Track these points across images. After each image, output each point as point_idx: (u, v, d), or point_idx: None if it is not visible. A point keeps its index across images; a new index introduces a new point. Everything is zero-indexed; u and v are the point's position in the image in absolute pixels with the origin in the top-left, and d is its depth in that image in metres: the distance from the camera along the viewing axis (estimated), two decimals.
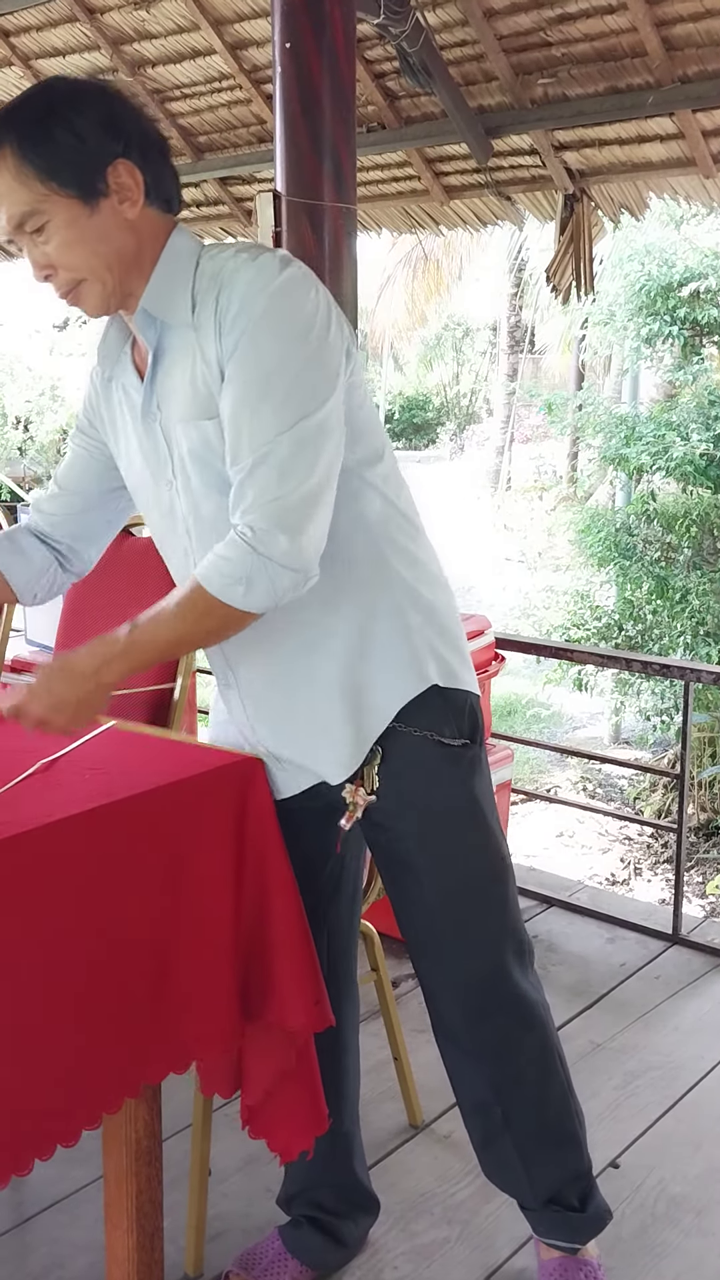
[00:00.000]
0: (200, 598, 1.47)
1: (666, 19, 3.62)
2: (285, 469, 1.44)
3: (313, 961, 1.61)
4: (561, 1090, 1.84)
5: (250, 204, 5.17)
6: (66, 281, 1.52)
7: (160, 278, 1.53)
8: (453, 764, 1.65)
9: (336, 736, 1.62)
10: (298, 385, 1.45)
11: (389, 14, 3.64)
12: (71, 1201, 2.13)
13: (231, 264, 1.50)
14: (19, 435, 16.64)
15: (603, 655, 5.01)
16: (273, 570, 1.44)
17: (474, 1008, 1.77)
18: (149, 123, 1.53)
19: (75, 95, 1.47)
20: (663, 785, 8.00)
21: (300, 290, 1.48)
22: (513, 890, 1.77)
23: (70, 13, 4.63)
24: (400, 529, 1.65)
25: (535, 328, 19.20)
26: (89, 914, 1.43)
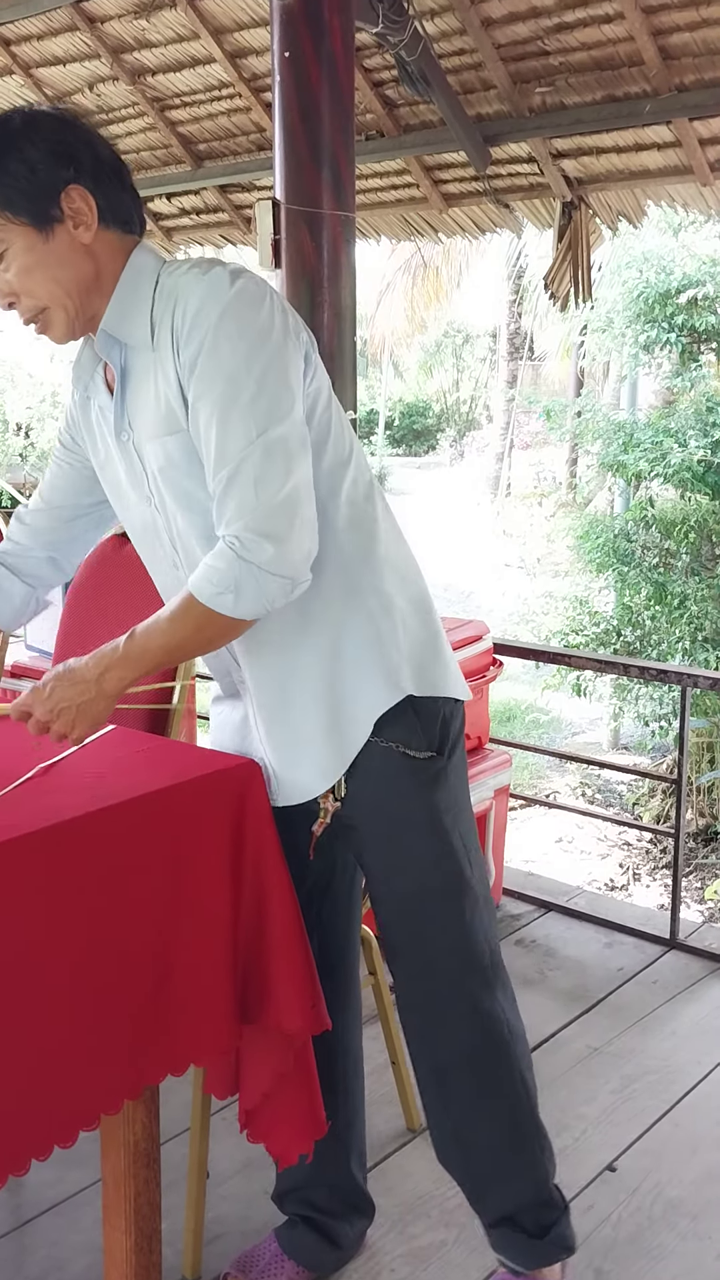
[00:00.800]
0: (192, 606, 1.50)
1: (663, 28, 3.64)
2: (259, 478, 1.46)
3: (309, 965, 1.62)
4: (520, 1115, 1.81)
5: (249, 212, 5.20)
6: (30, 308, 1.57)
7: (120, 299, 1.56)
8: (413, 775, 1.65)
9: (320, 748, 1.63)
10: (261, 395, 1.47)
11: (387, 23, 3.66)
12: (70, 1204, 2.14)
13: (184, 280, 1.53)
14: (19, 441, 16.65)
15: (601, 661, 5.00)
16: (261, 577, 1.47)
17: (432, 1019, 1.76)
18: (103, 148, 1.57)
19: (28, 127, 1.52)
20: (661, 790, 8.00)
21: (252, 302, 1.50)
22: (473, 907, 1.73)
23: (71, 22, 4.65)
24: (368, 534, 1.64)
25: (534, 334, 19.23)
26: (88, 916, 1.44)
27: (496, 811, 3.35)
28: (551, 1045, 2.70)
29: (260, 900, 1.60)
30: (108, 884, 1.46)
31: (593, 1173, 2.26)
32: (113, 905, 1.47)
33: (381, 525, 1.67)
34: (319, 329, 3.50)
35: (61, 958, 1.41)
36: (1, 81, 5.22)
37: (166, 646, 1.53)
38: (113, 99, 5.05)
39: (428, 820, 1.68)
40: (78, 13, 4.58)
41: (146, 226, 1.67)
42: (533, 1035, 2.70)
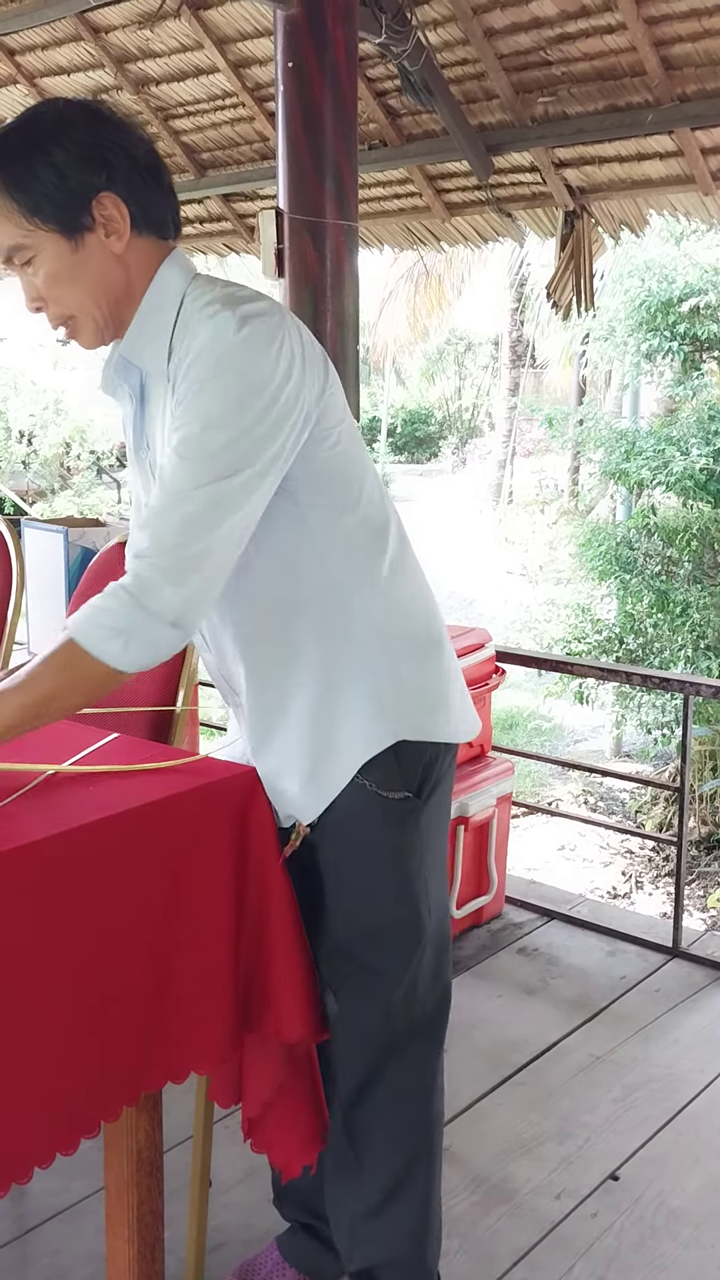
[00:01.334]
0: (72, 653, 1.40)
1: (665, 39, 3.66)
2: (189, 521, 1.40)
3: (310, 974, 1.62)
4: (417, 1189, 1.71)
5: (253, 221, 5.21)
6: (57, 315, 1.52)
7: (141, 321, 1.51)
8: (382, 812, 1.60)
9: (300, 782, 1.59)
10: (230, 448, 1.41)
11: (390, 33, 3.67)
12: (73, 1213, 2.14)
13: (196, 318, 1.46)
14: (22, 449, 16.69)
15: (603, 669, 5.03)
16: (155, 625, 1.39)
17: (355, 1074, 1.69)
18: (139, 147, 1.50)
19: (58, 127, 1.45)
20: (664, 798, 8.00)
21: (253, 353, 1.43)
22: (422, 953, 1.67)
23: (75, 31, 4.67)
24: (368, 577, 1.58)
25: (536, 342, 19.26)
26: (88, 924, 1.44)
27: (499, 819, 3.35)
28: (554, 1054, 2.70)
29: (261, 909, 1.60)
30: (108, 892, 1.46)
31: (595, 1181, 2.26)
32: (113, 913, 1.47)
33: (389, 563, 1.61)
34: (322, 337, 3.50)
35: (62, 966, 1.41)
36: (6, 91, 5.25)
37: (26, 705, 1.40)
38: (116, 108, 5.06)
39: (390, 859, 1.62)
40: (82, 23, 4.60)
41: (180, 228, 1.60)
42: (535, 1044, 2.72)
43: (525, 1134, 2.40)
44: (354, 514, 1.59)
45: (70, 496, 16.21)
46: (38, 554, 3.39)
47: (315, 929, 1.67)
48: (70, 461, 17.45)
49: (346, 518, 1.58)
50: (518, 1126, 2.43)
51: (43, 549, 3.40)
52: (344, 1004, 1.68)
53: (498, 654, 3.41)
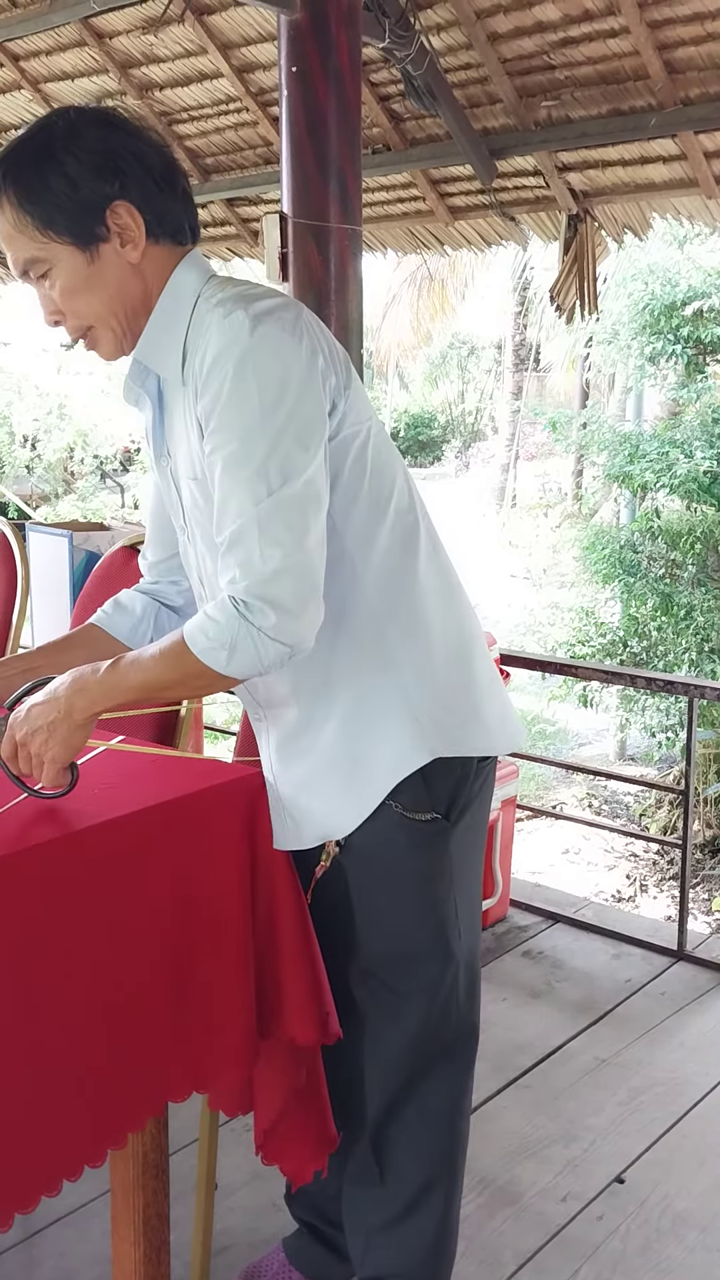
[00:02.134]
0: (183, 652, 1.42)
1: (668, 43, 3.66)
2: (265, 539, 1.38)
3: (319, 974, 1.62)
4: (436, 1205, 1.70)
5: (257, 225, 5.23)
6: (76, 328, 1.50)
7: (154, 326, 1.49)
8: (408, 835, 1.58)
9: (333, 802, 1.57)
10: (274, 453, 1.39)
11: (394, 38, 3.68)
12: (79, 1215, 2.14)
13: (209, 319, 1.44)
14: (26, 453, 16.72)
15: (607, 672, 5.03)
16: (260, 640, 1.39)
17: (385, 1093, 1.68)
18: (152, 154, 1.47)
19: (70, 136, 1.43)
20: (668, 801, 7.99)
21: (273, 351, 1.40)
22: (454, 977, 1.65)
23: (79, 37, 4.69)
24: (401, 587, 1.55)
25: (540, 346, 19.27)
26: (101, 929, 1.44)
27: (503, 823, 3.36)
28: (559, 1057, 2.70)
29: (271, 910, 1.60)
30: (119, 896, 1.46)
31: (601, 1184, 2.26)
32: (125, 917, 1.47)
33: (422, 574, 1.57)
34: None
35: (78, 973, 1.41)
36: (10, 96, 5.26)
37: (146, 684, 1.45)
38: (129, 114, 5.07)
39: (416, 883, 1.60)
40: (86, 28, 4.61)
41: (199, 233, 1.58)
42: (540, 1047, 2.72)
43: (531, 1137, 2.40)
44: (386, 519, 1.55)
45: (74, 501, 16.23)
46: (42, 558, 3.40)
47: (344, 952, 1.65)
48: (74, 466, 17.47)
49: (379, 532, 1.54)
50: (523, 1129, 2.43)
51: (47, 553, 3.41)
52: (374, 1026, 1.67)
53: (502, 657, 3.42)
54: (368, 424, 1.54)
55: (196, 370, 1.44)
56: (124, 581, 2.24)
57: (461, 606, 1.64)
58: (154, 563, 1.81)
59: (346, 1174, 1.76)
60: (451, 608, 1.62)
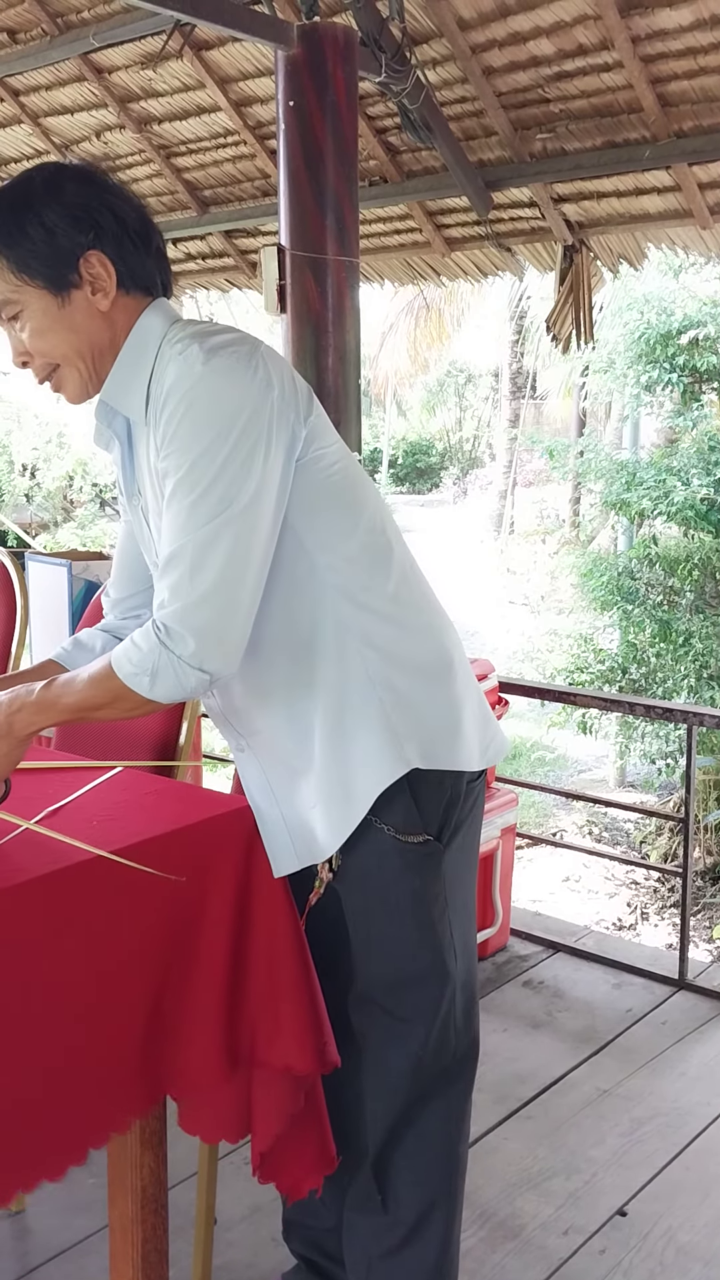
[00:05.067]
0: (110, 677, 1.47)
1: (661, 76, 3.71)
2: (196, 565, 1.42)
3: (318, 1005, 1.61)
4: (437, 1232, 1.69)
5: (254, 257, 5.27)
6: (42, 368, 1.56)
7: (120, 369, 1.53)
8: (401, 858, 1.58)
9: (321, 817, 1.58)
10: (217, 482, 1.43)
11: (390, 72, 3.73)
12: (77, 1251, 2.12)
13: (166, 356, 1.49)
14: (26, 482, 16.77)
15: (606, 699, 5.02)
16: (180, 668, 1.43)
17: (386, 1119, 1.67)
18: (129, 211, 1.53)
19: (49, 188, 1.49)
20: (669, 829, 7.97)
21: (223, 381, 1.45)
22: (451, 998, 1.65)
23: (79, 72, 4.74)
24: (376, 607, 1.57)
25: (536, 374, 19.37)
26: (91, 959, 1.44)
27: (503, 851, 3.35)
28: (561, 1087, 2.68)
29: (269, 940, 1.60)
30: (113, 927, 1.46)
31: (604, 1217, 2.24)
32: (114, 947, 1.47)
33: (394, 591, 1.60)
34: (324, 372, 3.54)
35: (63, 1001, 1.41)
36: (10, 131, 5.31)
37: (78, 706, 1.50)
38: (119, 146, 5.13)
39: (411, 907, 1.61)
40: (86, 63, 4.67)
41: (172, 290, 1.63)
42: (541, 1077, 2.70)
43: (532, 1169, 2.39)
44: (354, 540, 1.58)
45: (73, 529, 16.27)
46: (41, 587, 3.40)
47: (342, 977, 1.65)
48: (73, 494, 17.53)
49: (347, 545, 1.57)
50: (524, 1161, 2.41)
51: (46, 582, 3.41)
52: (374, 1051, 1.67)
53: (500, 684, 3.42)
54: (332, 449, 1.58)
55: (154, 406, 1.49)
56: None
57: (439, 629, 1.66)
58: (116, 600, 1.84)
59: (348, 1202, 1.75)
60: (427, 626, 1.64)
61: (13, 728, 1.51)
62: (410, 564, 1.66)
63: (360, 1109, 1.69)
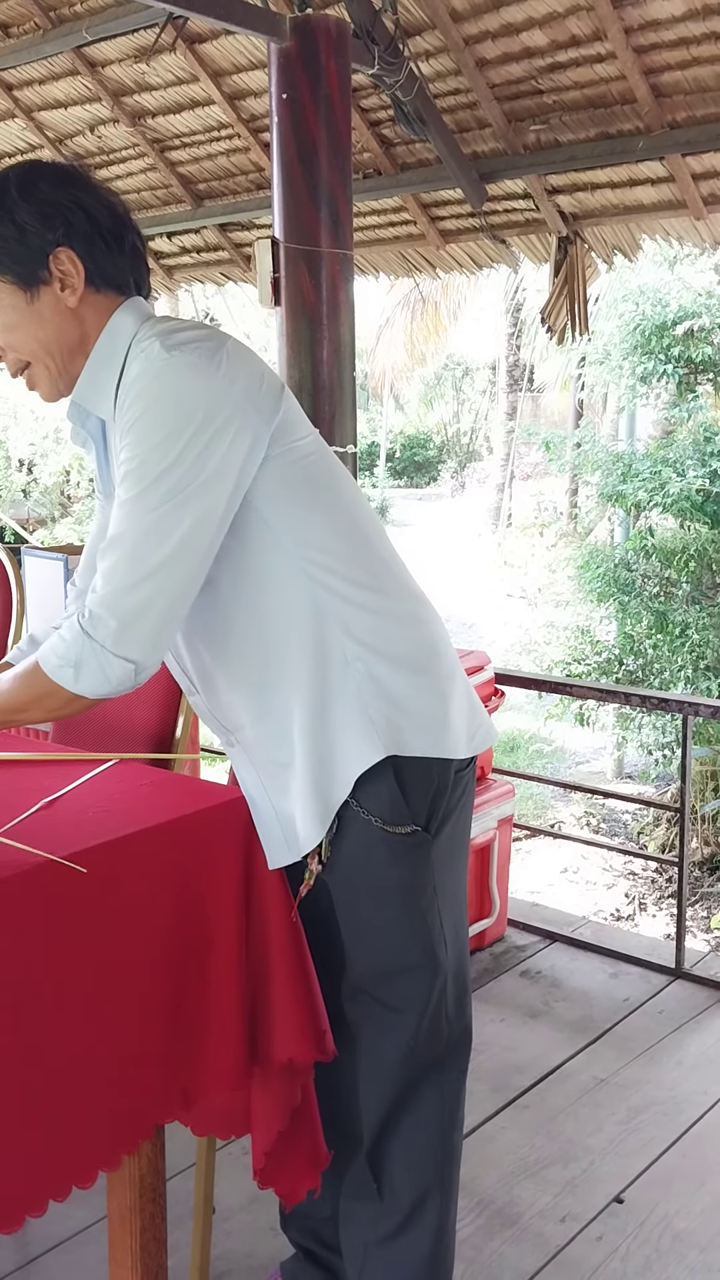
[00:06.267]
0: (35, 672, 1.47)
1: (654, 67, 3.70)
2: (131, 554, 1.43)
3: (314, 994, 1.62)
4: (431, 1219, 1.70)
5: (249, 250, 5.26)
6: (14, 362, 1.57)
7: (91, 368, 1.55)
8: (388, 849, 1.59)
9: (307, 806, 1.58)
10: (167, 474, 1.43)
11: (383, 65, 3.72)
12: (75, 1242, 2.13)
13: (133, 354, 1.51)
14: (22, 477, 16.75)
15: (603, 690, 5.02)
16: (103, 658, 1.43)
17: (379, 1108, 1.69)
18: (101, 210, 1.54)
19: (23, 185, 1.51)
20: (666, 819, 7.99)
21: (182, 378, 1.45)
22: (441, 988, 1.66)
23: (72, 66, 4.73)
24: (351, 596, 1.57)
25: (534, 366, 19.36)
26: (95, 952, 1.44)
27: (500, 842, 3.35)
28: (558, 1076, 2.69)
29: (265, 931, 1.60)
30: (116, 918, 1.46)
31: (601, 1204, 2.25)
32: (121, 940, 1.47)
33: (371, 580, 1.60)
34: (319, 365, 3.54)
35: (69, 993, 1.41)
36: (3, 125, 5.30)
37: (7, 707, 1.50)
38: (113, 141, 5.13)
39: (400, 898, 1.61)
40: (79, 57, 4.66)
41: (148, 289, 1.64)
42: (539, 1066, 2.72)
43: (529, 1157, 2.40)
44: (330, 531, 1.58)
45: (71, 524, 16.27)
46: (38, 582, 3.40)
47: (333, 969, 1.66)
48: (70, 489, 17.51)
49: (323, 535, 1.57)
50: (522, 1150, 2.42)
51: (43, 577, 3.41)
52: (367, 1041, 1.68)
53: (497, 676, 3.42)
54: (304, 442, 1.58)
55: (120, 400, 1.50)
56: None
57: (420, 613, 1.66)
58: (80, 591, 1.84)
59: (344, 1190, 1.75)
60: (408, 614, 1.64)
61: None
62: (390, 554, 1.66)
63: (355, 1098, 1.70)
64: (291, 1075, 1.62)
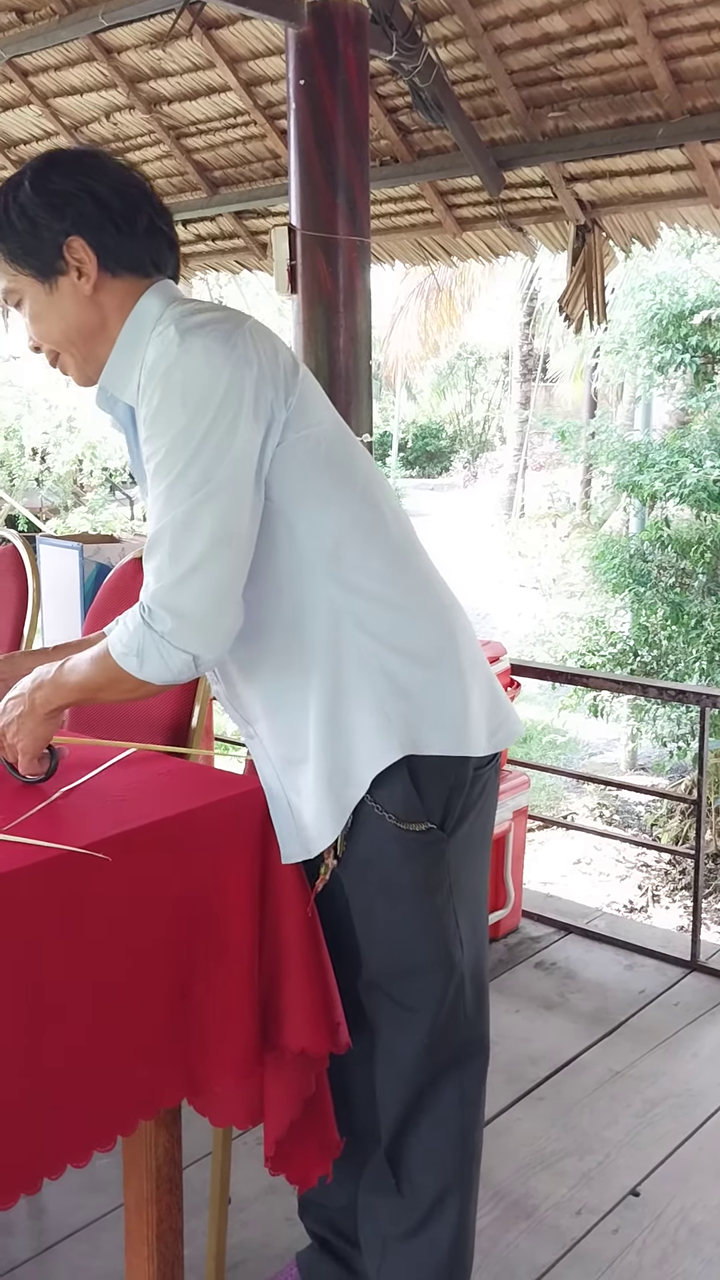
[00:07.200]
0: (107, 658, 1.50)
1: (675, 53, 3.67)
2: (175, 549, 1.44)
3: (330, 985, 1.61)
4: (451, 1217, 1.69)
5: (265, 238, 5.24)
6: (48, 352, 1.61)
7: (118, 353, 1.56)
8: (402, 846, 1.57)
9: (322, 803, 1.57)
10: (194, 462, 1.44)
11: (401, 51, 3.69)
12: (92, 1230, 2.13)
13: (152, 338, 1.51)
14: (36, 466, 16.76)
15: (618, 681, 5.00)
16: (163, 648, 1.45)
17: (398, 1105, 1.68)
18: (111, 194, 1.53)
19: (36, 177, 1.53)
20: (680, 811, 7.97)
21: (198, 362, 1.45)
22: (457, 989, 1.65)
23: (88, 52, 4.71)
24: (365, 590, 1.55)
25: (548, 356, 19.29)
26: (109, 939, 1.44)
27: (515, 833, 3.35)
28: (573, 1068, 2.68)
29: (280, 922, 1.60)
30: (130, 906, 1.46)
31: (616, 1197, 2.25)
32: (134, 928, 1.47)
33: (388, 573, 1.58)
34: (335, 353, 3.52)
35: (82, 980, 1.42)
36: (19, 112, 5.29)
37: (82, 686, 1.54)
38: (129, 127, 5.11)
39: (414, 895, 1.60)
40: (95, 43, 4.63)
41: (176, 269, 1.63)
42: (554, 1058, 2.71)
43: (545, 1149, 2.39)
44: (343, 522, 1.56)
45: (84, 513, 16.27)
46: (53, 571, 3.41)
47: (349, 965, 1.65)
48: (83, 478, 17.52)
49: (336, 527, 1.55)
50: (537, 1142, 2.42)
51: (58, 566, 3.42)
52: (384, 1038, 1.68)
53: (512, 667, 3.41)
54: (319, 428, 1.56)
55: (141, 387, 1.51)
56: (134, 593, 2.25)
57: (439, 607, 1.63)
58: None
59: (363, 1184, 1.75)
60: (426, 608, 1.62)
61: (34, 705, 1.55)
62: (409, 545, 1.63)
63: (374, 1093, 1.70)
64: (305, 1065, 1.62)
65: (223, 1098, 1.63)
